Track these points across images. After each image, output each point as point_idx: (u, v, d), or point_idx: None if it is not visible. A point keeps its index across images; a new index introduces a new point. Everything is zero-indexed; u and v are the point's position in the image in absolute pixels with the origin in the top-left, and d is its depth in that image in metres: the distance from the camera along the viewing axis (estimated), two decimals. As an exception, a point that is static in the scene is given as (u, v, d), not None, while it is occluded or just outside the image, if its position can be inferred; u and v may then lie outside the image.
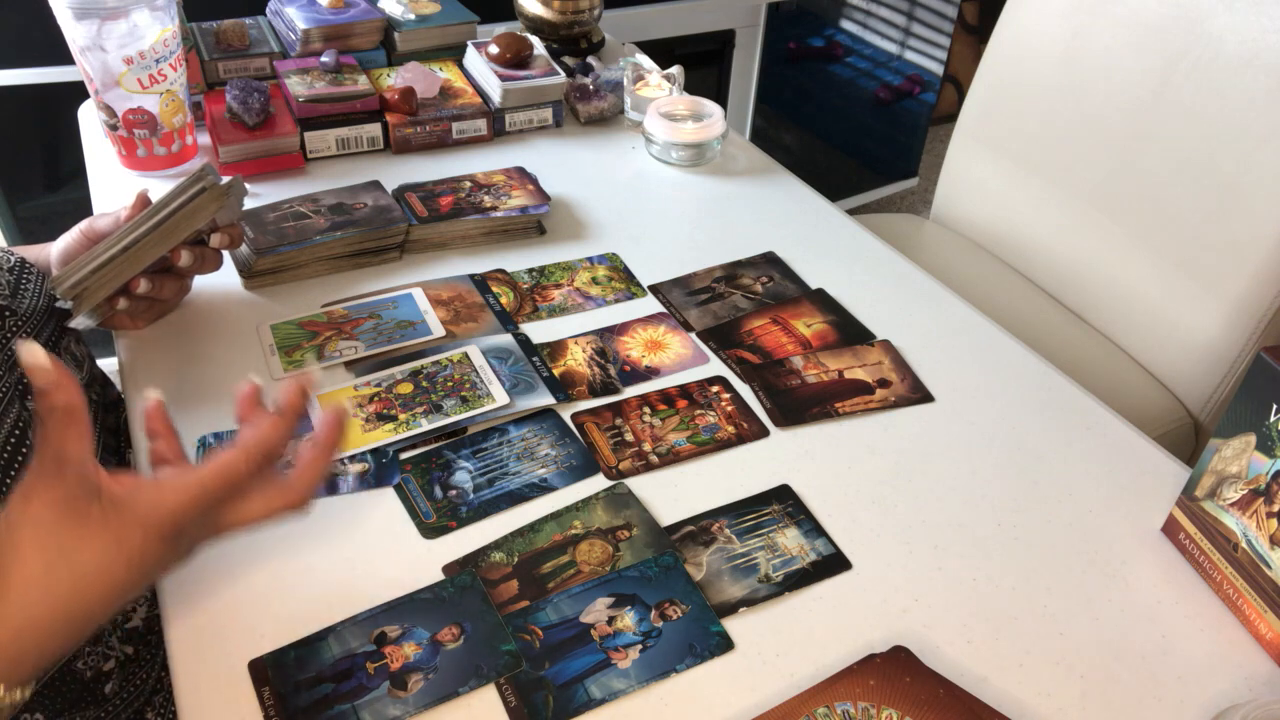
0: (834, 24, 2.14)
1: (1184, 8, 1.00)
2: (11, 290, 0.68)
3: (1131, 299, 1.08)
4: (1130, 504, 0.66)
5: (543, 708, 0.51)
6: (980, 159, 1.26)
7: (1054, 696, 0.53)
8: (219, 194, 0.70)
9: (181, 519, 0.47)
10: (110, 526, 0.45)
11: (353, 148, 1.02)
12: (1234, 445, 0.57)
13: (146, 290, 0.71)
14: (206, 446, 0.66)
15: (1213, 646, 0.57)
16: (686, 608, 0.57)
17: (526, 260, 0.88)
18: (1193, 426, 1.05)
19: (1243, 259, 0.95)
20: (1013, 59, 1.19)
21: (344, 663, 0.53)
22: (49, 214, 1.51)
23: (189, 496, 0.47)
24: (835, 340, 0.80)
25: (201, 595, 0.57)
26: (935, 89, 2.28)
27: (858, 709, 0.52)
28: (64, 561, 0.44)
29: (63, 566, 0.44)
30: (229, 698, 0.52)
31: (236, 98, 0.96)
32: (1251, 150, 0.93)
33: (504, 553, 0.60)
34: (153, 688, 0.68)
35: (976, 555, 0.62)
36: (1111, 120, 1.07)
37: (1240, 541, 0.57)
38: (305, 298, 0.82)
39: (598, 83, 1.13)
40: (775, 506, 0.64)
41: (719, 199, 1.00)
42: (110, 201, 0.94)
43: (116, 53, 0.87)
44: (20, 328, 0.67)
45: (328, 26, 1.08)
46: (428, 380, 0.72)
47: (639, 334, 0.80)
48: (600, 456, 0.67)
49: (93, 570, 0.45)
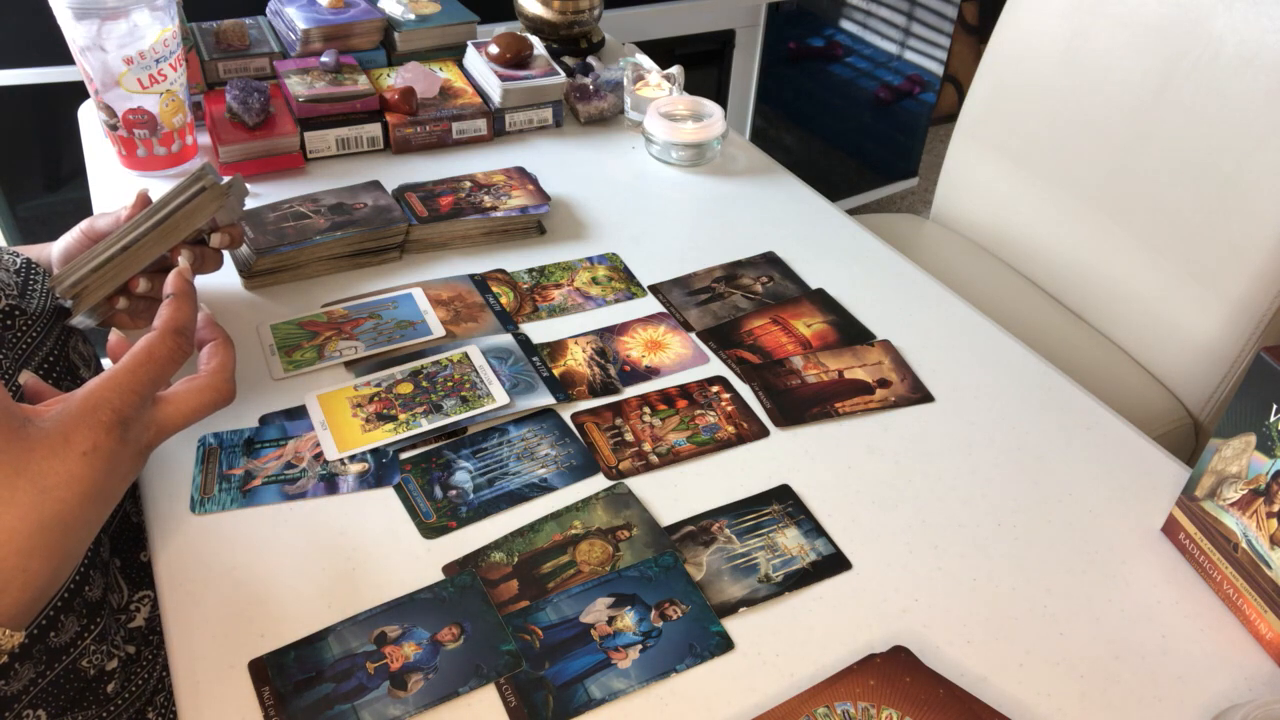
0: (834, 24, 2.14)
1: (1184, 8, 1.00)
2: (20, 290, 0.68)
3: (1131, 299, 1.08)
4: (1130, 504, 0.66)
5: (543, 708, 0.51)
6: (980, 159, 1.26)
7: (1054, 696, 0.53)
8: (219, 193, 0.70)
9: (117, 403, 0.51)
10: (51, 434, 0.48)
11: (353, 148, 1.02)
12: (1234, 445, 0.57)
13: (146, 290, 0.71)
14: (206, 446, 0.66)
15: (1213, 646, 0.57)
16: (686, 608, 0.57)
17: (526, 260, 0.88)
18: (1193, 426, 1.05)
19: (1243, 259, 0.95)
20: (1013, 59, 1.19)
21: (344, 663, 0.53)
22: (49, 214, 1.51)
23: (116, 381, 0.51)
24: (835, 340, 0.80)
25: (201, 595, 0.57)
26: (935, 89, 2.28)
27: (858, 709, 0.52)
28: (19, 475, 0.46)
29: (20, 479, 0.46)
30: (229, 698, 0.52)
31: (236, 98, 0.96)
32: (1251, 150, 0.93)
33: (504, 553, 0.60)
34: (154, 687, 0.68)
35: (976, 555, 0.62)
36: (1112, 120, 1.07)
37: (1240, 541, 0.57)
38: (305, 298, 0.82)
39: (598, 83, 1.13)
40: (775, 506, 0.64)
41: (719, 199, 1.00)
42: (110, 201, 0.94)
43: (116, 53, 0.87)
44: (30, 327, 0.67)
45: (328, 26, 1.08)
46: (428, 380, 0.72)
47: (639, 334, 0.80)
48: (600, 456, 0.67)
49: (50, 474, 0.47)
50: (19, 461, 0.47)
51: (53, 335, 0.69)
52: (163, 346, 0.54)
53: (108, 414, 0.50)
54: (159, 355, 0.54)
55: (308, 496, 0.64)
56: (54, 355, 0.68)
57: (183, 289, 0.58)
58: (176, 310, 0.57)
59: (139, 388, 0.52)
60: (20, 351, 0.64)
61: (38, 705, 0.58)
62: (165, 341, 0.54)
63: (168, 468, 0.65)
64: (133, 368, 0.52)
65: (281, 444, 0.67)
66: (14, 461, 0.46)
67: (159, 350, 0.54)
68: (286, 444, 0.67)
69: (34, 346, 0.67)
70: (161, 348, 0.54)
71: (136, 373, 0.52)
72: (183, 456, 0.66)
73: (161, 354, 0.54)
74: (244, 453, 0.66)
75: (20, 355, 0.64)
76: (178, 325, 0.56)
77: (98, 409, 0.50)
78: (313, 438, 0.68)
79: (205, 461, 0.66)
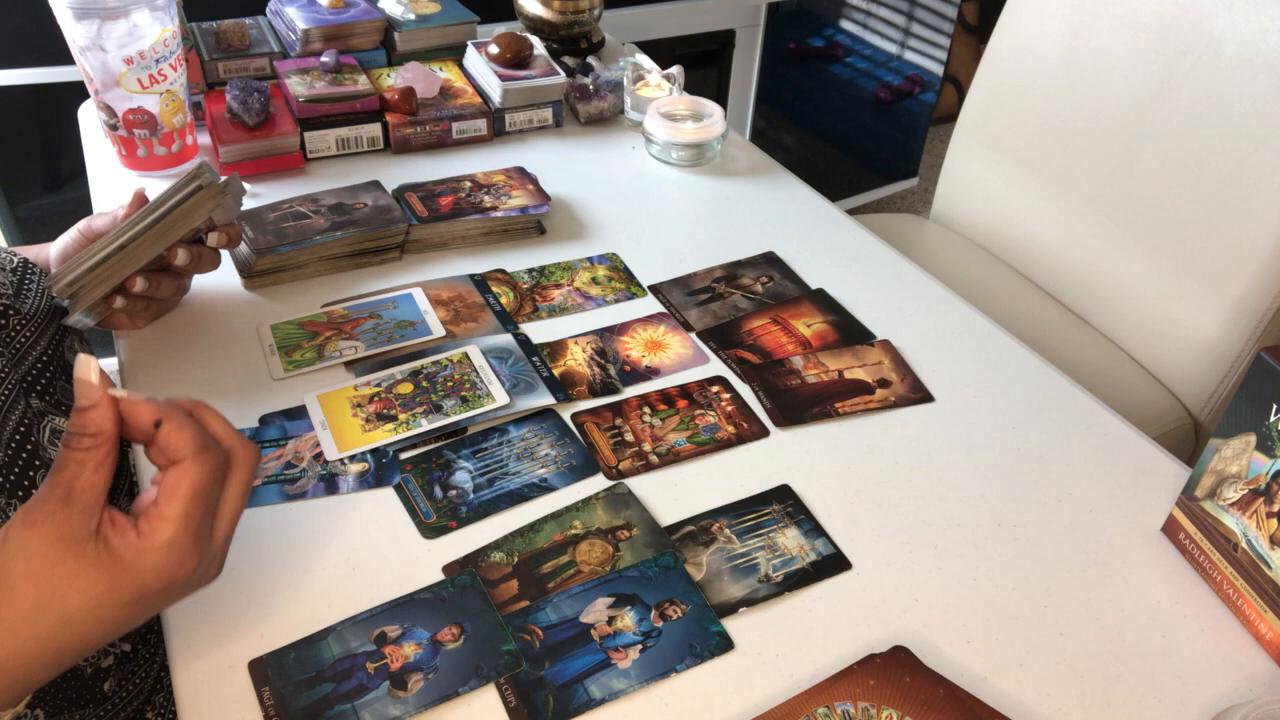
0: (834, 24, 2.14)
1: (1184, 8, 1.00)
2: (15, 290, 0.68)
3: (1131, 299, 1.08)
4: (1130, 504, 0.66)
5: (543, 708, 0.51)
6: (980, 159, 1.26)
7: (1054, 696, 0.53)
8: (215, 192, 0.70)
9: (176, 571, 0.45)
10: (103, 568, 0.44)
11: (353, 148, 1.02)
12: (1234, 445, 0.57)
13: (143, 289, 0.71)
14: (206, 446, 0.66)
15: (1213, 646, 0.57)
16: (686, 608, 0.57)
17: (526, 260, 0.88)
18: (1193, 426, 1.05)
19: (1243, 259, 0.95)
20: (1013, 59, 1.19)
21: (344, 663, 0.53)
22: (49, 214, 1.51)
23: (178, 547, 0.45)
24: (835, 340, 0.80)
25: (202, 595, 0.57)
26: (935, 89, 2.28)
27: (858, 709, 0.52)
28: (54, 603, 0.43)
29: (53, 608, 0.43)
30: (229, 698, 0.52)
31: (236, 98, 0.96)
32: (1251, 150, 0.93)
33: (504, 553, 0.60)
34: (152, 686, 0.68)
35: (976, 555, 0.62)
36: (1111, 120, 1.07)
37: (1240, 541, 0.57)
38: (305, 298, 0.82)
39: (598, 83, 1.13)
40: (775, 506, 0.64)
41: (719, 199, 1.00)
42: (110, 201, 0.94)
43: (116, 53, 0.87)
44: (24, 328, 0.67)
45: (328, 26, 1.08)
46: (428, 380, 0.72)
47: (639, 334, 0.80)
48: (600, 456, 0.67)
49: (83, 610, 0.44)
50: (60, 588, 0.43)
51: (47, 335, 0.69)
52: (207, 468, 0.46)
53: (163, 580, 0.45)
54: (206, 482, 0.46)
55: (308, 496, 0.64)
56: (48, 355, 0.68)
57: (168, 412, 0.47)
58: (174, 432, 0.46)
59: (195, 532, 0.46)
60: (14, 351, 0.64)
61: (35, 704, 0.58)
62: (207, 464, 0.46)
63: (167, 468, 0.65)
64: (189, 516, 0.45)
65: (281, 444, 0.67)
66: (55, 586, 0.43)
67: (205, 477, 0.46)
68: (286, 444, 0.67)
69: (28, 347, 0.67)
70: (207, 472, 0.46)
71: (192, 519, 0.46)
72: (182, 456, 0.66)
73: (208, 479, 0.46)
74: (244, 453, 0.66)
75: (14, 355, 0.64)
76: (193, 446, 0.46)
77: (155, 580, 0.45)
78: (313, 438, 0.68)
79: (205, 461, 0.65)
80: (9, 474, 0.57)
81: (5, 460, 0.58)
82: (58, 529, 0.44)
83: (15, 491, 0.57)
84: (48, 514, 0.44)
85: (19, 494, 0.58)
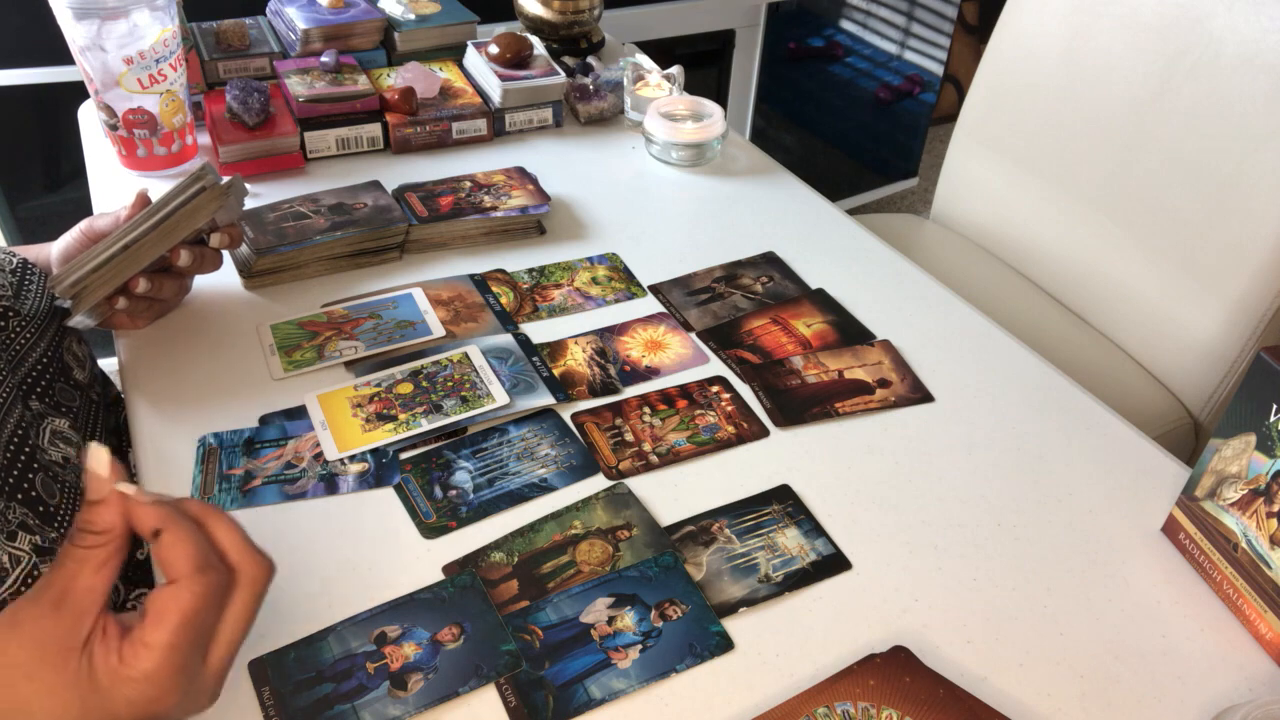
0: (834, 24, 2.14)
1: (1184, 8, 1.00)
2: (15, 291, 0.68)
3: (1131, 299, 1.08)
4: (1130, 504, 0.66)
5: (543, 708, 0.51)
6: (980, 159, 1.26)
7: (1054, 696, 0.53)
8: (218, 193, 0.70)
9: (151, 706, 0.42)
10: (79, 690, 0.40)
11: (353, 148, 1.02)
12: (1234, 445, 0.57)
13: (146, 290, 0.71)
14: (206, 446, 0.66)
15: (1213, 646, 0.57)
16: (686, 608, 0.57)
17: (526, 260, 0.88)
18: (1193, 426, 1.05)
19: (1243, 259, 0.95)
20: (1013, 59, 1.19)
21: (344, 663, 0.53)
22: (49, 214, 1.51)
23: (156, 681, 0.41)
24: (835, 340, 0.80)
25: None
26: (935, 89, 2.28)
27: (858, 709, 0.52)
28: (18, 718, 0.40)
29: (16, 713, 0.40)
30: (229, 698, 0.51)
31: (236, 98, 0.96)
32: (1251, 150, 0.93)
33: (504, 553, 0.60)
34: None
35: (976, 555, 0.62)
36: (1111, 120, 1.07)
37: (1240, 541, 0.57)
38: (305, 298, 0.82)
39: (598, 83, 1.13)
40: (775, 506, 0.64)
41: (719, 199, 1.00)
42: (110, 201, 0.94)
43: (116, 53, 0.87)
44: (24, 329, 0.67)
45: (328, 26, 1.08)
46: (428, 380, 0.72)
47: (639, 334, 0.80)
48: (600, 456, 0.67)
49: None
50: (33, 706, 0.40)
51: (46, 336, 0.69)
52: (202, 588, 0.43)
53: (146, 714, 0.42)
54: (198, 604, 0.43)
55: (308, 497, 0.64)
56: (48, 357, 0.68)
57: (171, 520, 0.43)
58: (173, 546, 0.43)
59: (184, 660, 0.42)
60: (14, 353, 0.64)
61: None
62: (203, 582, 0.43)
63: (168, 468, 0.65)
64: (178, 644, 0.42)
65: (281, 444, 0.67)
66: (28, 700, 0.40)
67: (197, 599, 0.43)
68: (286, 444, 0.67)
69: (28, 348, 0.67)
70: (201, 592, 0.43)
71: (181, 649, 0.42)
72: (183, 456, 0.66)
73: (200, 601, 0.43)
74: (244, 453, 0.66)
75: (14, 358, 0.64)
76: (191, 565, 0.43)
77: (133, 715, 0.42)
78: (313, 438, 0.68)
79: (205, 461, 0.66)
80: (7, 477, 0.57)
81: (4, 463, 0.58)
82: (42, 636, 0.41)
83: (14, 494, 0.57)
84: (35, 618, 0.41)
85: (18, 497, 0.58)
